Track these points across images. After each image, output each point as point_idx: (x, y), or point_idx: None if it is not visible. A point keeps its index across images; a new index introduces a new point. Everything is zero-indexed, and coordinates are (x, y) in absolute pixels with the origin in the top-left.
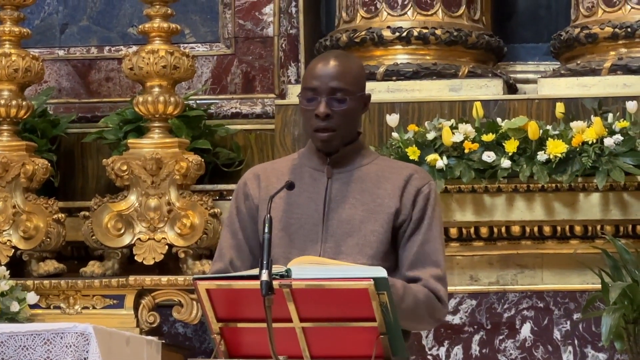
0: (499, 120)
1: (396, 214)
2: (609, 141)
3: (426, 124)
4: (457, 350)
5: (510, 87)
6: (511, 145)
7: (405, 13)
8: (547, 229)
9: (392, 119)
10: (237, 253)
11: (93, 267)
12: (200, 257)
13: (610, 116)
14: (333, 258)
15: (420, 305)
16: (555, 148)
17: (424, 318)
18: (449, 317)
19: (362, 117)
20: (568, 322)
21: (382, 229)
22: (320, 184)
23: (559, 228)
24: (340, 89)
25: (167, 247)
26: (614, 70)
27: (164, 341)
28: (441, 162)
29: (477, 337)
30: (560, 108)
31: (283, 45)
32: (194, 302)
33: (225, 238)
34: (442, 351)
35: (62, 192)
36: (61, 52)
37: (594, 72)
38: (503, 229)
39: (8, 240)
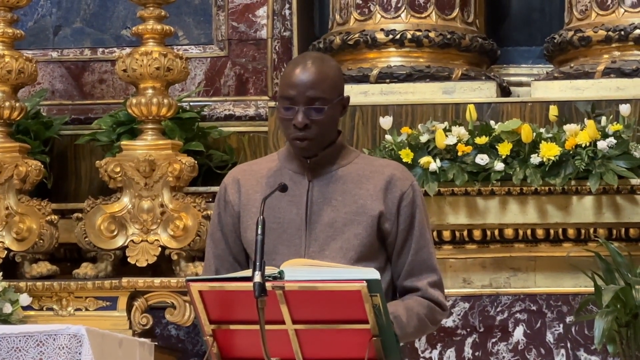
0: (492, 123)
1: (381, 217)
2: (602, 144)
3: (419, 126)
4: (450, 353)
5: (504, 90)
6: (504, 148)
7: (399, 16)
8: (540, 232)
9: (386, 122)
10: (221, 262)
11: (86, 268)
12: (193, 259)
13: (603, 119)
14: None
15: (424, 321)
16: (549, 151)
17: (427, 329)
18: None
19: (349, 118)
20: (561, 325)
21: (366, 232)
22: (301, 187)
23: (552, 231)
24: (318, 98)
25: (160, 249)
26: (607, 73)
27: (156, 343)
28: (434, 165)
29: (470, 340)
30: (553, 111)
31: (276, 48)
32: (187, 304)
33: (209, 248)
34: (435, 354)
35: (55, 193)
36: (54, 54)
37: (588, 75)
38: (496, 232)
39: (1, 241)
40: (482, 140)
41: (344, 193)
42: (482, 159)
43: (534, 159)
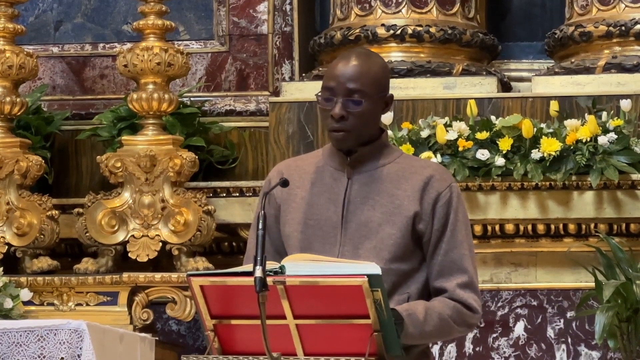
0: (493, 118)
1: (416, 218)
2: (603, 139)
3: (420, 121)
4: (451, 348)
5: (505, 85)
6: (505, 144)
7: (400, 11)
8: (540, 227)
9: (386, 117)
10: None
11: (87, 264)
12: (193, 254)
13: (604, 114)
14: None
15: (446, 321)
16: (549, 146)
17: (453, 330)
18: None
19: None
20: (562, 321)
21: (400, 232)
22: (340, 184)
23: (552, 226)
24: (357, 91)
25: (160, 244)
26: (608, 68)
27: (157, 338)
28: (435, 160)
29: (470, 335)
30: (554, 106)
31: (277, 43)
32: (188, 299)
33: (252, 239)
34: (436, 349)
35: (56, 189)
36: (55, 49)
37: (588, 71)
38: (497, 227)
39: (2, 236)
40: (482, 135)
41: (382, 192)
42: (482, 154)
43: (535, 154)
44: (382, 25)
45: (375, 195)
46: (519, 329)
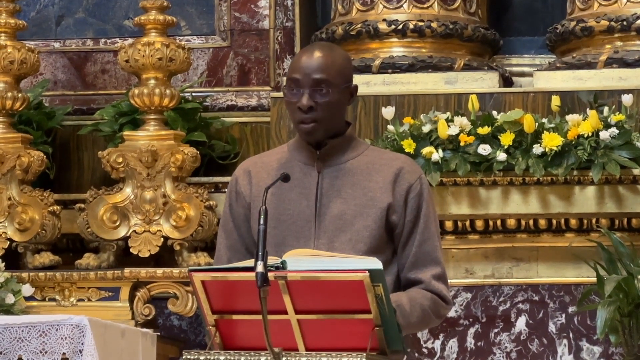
0: (494, 113)
1: (389, 209)
2: (604, 134)
3: (422, 116)
4: (453, 343)
5: (506, 80)
6: (507, 138)
7: (401, 6)
8: (542, 222)
9: (388, 112)
10: (233, 253)
11: (88, 259)
12: (195, 250)
13: (605, 109)
14: None
15: (427, 312)
16: (551, 141)
17: (431, 321)
18: None
19: (351, 108)
20: (563, 315)
21: (375, 224)
22: (310, 178)
23: (554, 221)
24: (323, 81)
25: (162, 239)
26: (609, 63)
27: (159, 333)
28: (437, 155)
29: (472, 330)
30: (556, 101)
31: (279, 38)
32: (189, 295)
33: (221, 239)
34: (438, 344)
35: (57, 184)
36: (57, 44)
37: (590, 66)
38: (498, 222)
39: (3, 232)
40: (484, 130)
41: (353, 185)
42: (484, 149)
43: (537, 149)
44: (384, 20)
45: (348, 188)
46: (521, 324)
